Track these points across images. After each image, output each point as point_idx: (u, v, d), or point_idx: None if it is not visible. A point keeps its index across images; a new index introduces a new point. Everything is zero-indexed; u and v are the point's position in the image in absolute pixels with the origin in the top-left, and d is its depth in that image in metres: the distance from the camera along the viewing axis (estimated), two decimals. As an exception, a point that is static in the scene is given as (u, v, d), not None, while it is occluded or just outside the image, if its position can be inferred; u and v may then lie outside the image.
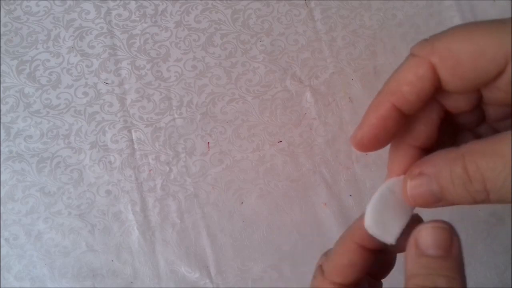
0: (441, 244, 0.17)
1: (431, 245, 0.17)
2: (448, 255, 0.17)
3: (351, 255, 0.20)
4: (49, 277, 0.43)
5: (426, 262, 0.17)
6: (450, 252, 0.17)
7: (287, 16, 0.50)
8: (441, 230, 0.17)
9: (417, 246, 0.17)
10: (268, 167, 0.46)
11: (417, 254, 0.17)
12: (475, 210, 0.47)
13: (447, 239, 0.17)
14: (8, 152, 0.44)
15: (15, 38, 0.47)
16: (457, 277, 0.16)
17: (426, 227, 0.17)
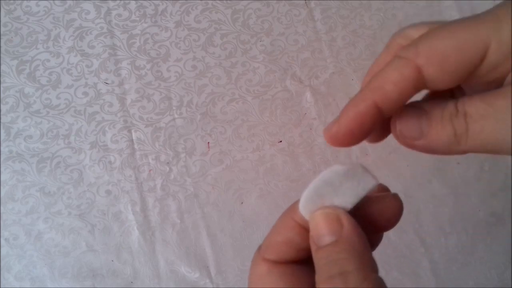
0: (329, 229, 0.17)
1: (323, 234, 0.17)
2: (336, 239, 0.17)
3: (287, 232, 0.19)
4: (49, 277, 0.43)
5: (321, 253, 0.17)
6: (341, 235, 0.17)
7: (287, 16, 0.50)
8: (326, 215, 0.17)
9: (313, 241, 0.17)
10: (268, 167, 0.46)
11: (315, 250, 0.17)
12: (475, 210, 0.47)
13: (336, 223, 0.17)
14: (8, 152, 0.44)
15: (15, 38, 0.47)
16: (348, 257, 0.16)
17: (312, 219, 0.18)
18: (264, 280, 0.19)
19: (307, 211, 0.18)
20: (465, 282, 0.46)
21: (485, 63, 0.17)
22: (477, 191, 0.47)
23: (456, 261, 0.46)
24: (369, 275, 0.16)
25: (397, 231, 0.46)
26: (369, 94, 0.18)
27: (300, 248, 0.19)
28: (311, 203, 0.18)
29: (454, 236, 0.46)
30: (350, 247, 0.16)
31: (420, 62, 0.17)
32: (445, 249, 0.46)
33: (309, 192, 0.18)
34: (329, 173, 0.18)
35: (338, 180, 0.18)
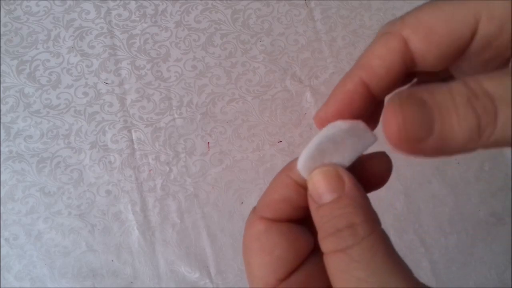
0: (331, 187, 0.16)
1: (323, 191, 0.16)
2: (339, 195, 0.16)
3: (284, 189, 0.18)
4: (49, 277, 0.43)
5: (323, 211, 0.16)
6: (343, 191, 0.16)
7: (287, 16, 0.50)
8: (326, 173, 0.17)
9: (313, 200, 0.17)
10: (268, 167, 0.46)
11: (315, 208, 0.17)
12: (475, 210, 0.47)
13: (337, 180, 0.16)
14: (8, 152, 0.44)
15: (15, 38, 0.47)
16: (354, 211, 0.16)
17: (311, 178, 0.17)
18: (262, 238, 0.18)
19: (306, 169, 0.17)
20: (465, 282, 0.46)
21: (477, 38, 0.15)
22: (477, 191, 0.47)
23: (456, 261, 0.46)
24: (376, 227, 0.16)
25: (397, 231, 0.46)
26: (355, 72, 0.17)
27: (297, 206, 0.18)
28: (311, 160, 0.17)
29: (454, 236, 0.46)
30: (354, 202, 0.16)
31: (405, 33, 0.16)
32: (445, 249, 0.46)
33: (310, 149, 0.17)
34: (332, 128, 0.17)
35: (340, 137, 0.17)
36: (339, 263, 0.15)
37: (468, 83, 0.13)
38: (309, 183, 0.17)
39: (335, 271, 0.15)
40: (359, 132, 0.17)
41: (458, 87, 0.13)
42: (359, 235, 0.15)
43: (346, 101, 0.17)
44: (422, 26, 0.16)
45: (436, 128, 0.13)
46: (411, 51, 0.16)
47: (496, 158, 0.48)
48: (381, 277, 0.14)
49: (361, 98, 0.17)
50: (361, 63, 0.17)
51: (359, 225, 0.15)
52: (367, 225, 0.15)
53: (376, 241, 0.15)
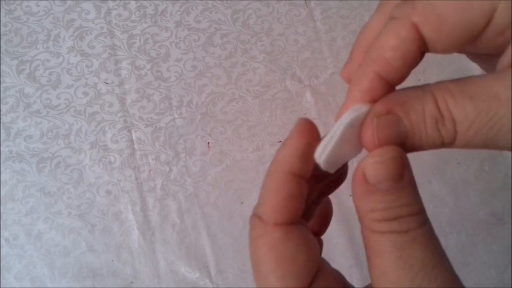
0: (393, 176, 0.15)
1: (383, 179, 0.15)
2: (402, 185, 0.16)
3: (286, 186, 0.16)
4: (49, 277, 0.43)
5: (380, 197, 0.16)
6: (403, 181, 0.16)
7: (287, 16, 0.50)
8: (390, 162, 0.15)
9: (367, 182, 0.16)
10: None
11: (368, 190, 0.16)
12: (475, 210, 0.47)
13: (399, 169, 0.16)
14: (8, 152, 0.44)
15: (15, 38, 0.47)
16: (415, 201, 0.16)
17: (373, 162, 0.16)
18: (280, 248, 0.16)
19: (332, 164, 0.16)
20: (465, 282, 0.46)
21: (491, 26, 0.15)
22: (477, 191, 0.47)
23: (456, 261, 0.46)
24: (427, 218, 0.16)
25: (397, 231, 0.46)
26: (369, 67, 0.16)
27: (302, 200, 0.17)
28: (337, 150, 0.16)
29: (454, 236, 0.46)
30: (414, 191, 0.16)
31: (415, 19, 0.15)
32: (445, 249, 0.46)
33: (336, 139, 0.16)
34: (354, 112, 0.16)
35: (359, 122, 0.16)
36: (398, 241, 0.15)
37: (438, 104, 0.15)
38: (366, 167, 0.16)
39: (390, 248, 0.15)
40: None
41: (429, 108, 0.15)
42: (420, 221, 0.16)
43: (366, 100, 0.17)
44: (434, 12, 0.15)
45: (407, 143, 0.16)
46: (423, 36, 0.16)
47: (496, 158, 0.48)
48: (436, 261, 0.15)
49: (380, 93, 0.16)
50: (373, 57, 0.16)
51: (419, 215, 0.16)
52: (424, 215, 0.16)
53: (431, 229, 0.16)
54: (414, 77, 0.49)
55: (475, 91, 0.14)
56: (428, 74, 0.49)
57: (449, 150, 0.48)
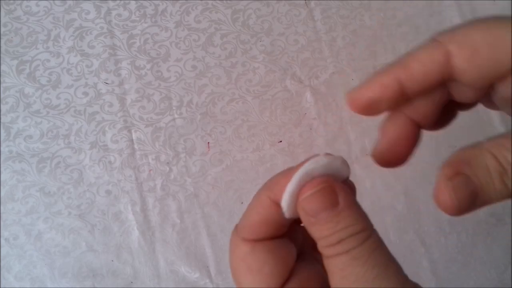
0: (327, 205, 0.17)
1: (319, 210, 0.17)
2: (338, 210, 0.17)
3: (264, 210, 0.19)
4: (49, 277, 0.43)
5: (321, 226, 0.17)
6: (338, 206, 0.17)
7: (287, 16, 0.50)
8: (321, 193, 0.17)
9: (308, 215, 0.17)
10: (268, 167, 0.46)
11: (311, 222, 0.17)
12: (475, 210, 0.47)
13: (331, 197, 0.17)
14: (8, 152, 0.44)
15: (15, 38, 0.47)
16: (354, 222, 0.17)
17: (306, 197, 0.17)
18: (248, 259, 0.19)
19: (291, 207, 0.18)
20: (465, 282, 0.46)
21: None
22: (477, 191, 0.47)
23: (456, 261, 0.46)
24: (373, 230, 0.17)
25: (397, 231, 0.46)
26: (394, 69, 0.18)
27: (278, 225, 0.19)
28: (294, 197, 0.18)
29: (454, 236, 0.46)
30: (352, 212, 0.17)
31: (451, 48, 0.17)
32: (445, 249, 0.46)
33: (292, 189, 0.18)
34: (313, 164, 0.18)
35: (318, 171, 0.18)
36: (341, 262, 0.16)
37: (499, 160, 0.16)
38: (302, 203, 0.17)
39: (336, 269, 0.17)
40: (336, 166, 0.18)
41: (492, 164, 0.16)
42: (361, 239, 0.17)
43: (378, 92, 0.18)
44: (468, 45, 0.16)
45: (479, 199, 0.17)
46: (452, 66, 0.17)
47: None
48: (377, 272, 0.16)
49: (394, 94, 0.18)
50: (402, 62, 0.18)
51: (360, 233, 0.17)
52: (367, 232, 0.17)
53: (373, 243, 0.17)
54: (414, 77, 0.49)
55: None
56: (428, 74, 0.49)
57: (449, 150, 0.48)
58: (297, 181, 0.18)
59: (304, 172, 0.18)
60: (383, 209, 0.46)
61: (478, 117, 0.49)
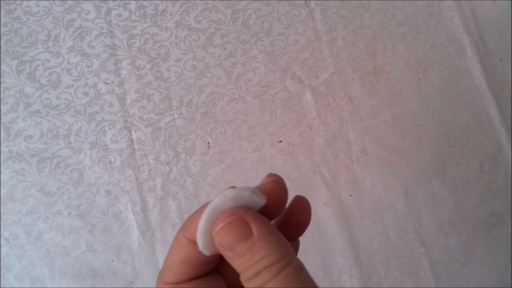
0: (240, 236, 0.17)
1: (234, 243, 0.17)
2: (252, 241, 0.17)
3: (182, 251, 0.18)
4: (49, 277, 0.43)
5: (238, 260, 0.17)
6: (252, 237, 0.17)
7: (287, 16, 0.50)
8: (231, 224, 0.17)
9: (225, 249, 0.17)
10: (268, 167, 0.46)
11: (229, 257, 0.17)
12: (475, 210, 0.47)
13: (243, 227, 0.17)
14: (8, 152, 0.44)
15: (15, 38, 0.47)
16: (269, 252, 0.16)
17: (217, 231, 0.17)
18: None
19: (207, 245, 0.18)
20: (465, 282, 0.46)
21: None
22: (477, 191, 0.47)
23: (456, 261, 0.46)
24: (291, 259, 0.17)
25: (397, 231, 0.46)
26: None
27: (198, 264, 0.19)
28: (207, 235, 0.18)
29: (454, 236, 0.46)
30: (266, 243, 0.17)
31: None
32: (445, 249, 0.46)
33: (202, 226, 0.17)
34: (219, 199, 0.18)
35: (228, 205, 0.18)
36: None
37: None
38: (216, 238, 0.17)
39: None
40: (246, 198, 0.18)
41: None
42: (276, 271, 0.16)
43: None
44: None
45: None
46: None
47: (496, 158, 0.48)
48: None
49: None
50: None
51: (276, 264, 0.16)
52: (283, 261, 0.16)
53: (289, 273, 0.16)
54: (414, 77, 0.49)
55: None
56: (428, 74, 0.49)
57: (449, 150, 0.48)
58: (206, 217, 0.17)
59: (212, 208, 0.17)
60: (383, 209, 0.46)
61: (478, 117, 0.49)
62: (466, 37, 0.50)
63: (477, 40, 0.51)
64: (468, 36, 0.50)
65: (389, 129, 0.48)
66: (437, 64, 0.49)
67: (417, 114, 0.48)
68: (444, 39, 0.50)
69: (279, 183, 0.19)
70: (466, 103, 0.49)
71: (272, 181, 0.19)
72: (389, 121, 0.48)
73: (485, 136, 0.49)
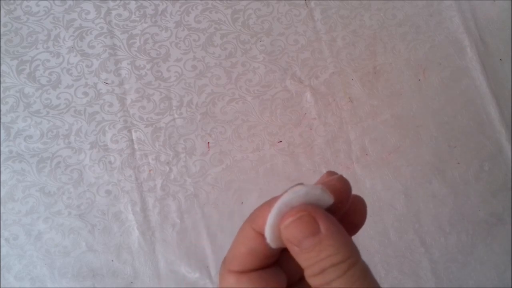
0: (308, 232, 0.17)
1: (301, 238, 0.17)
2: (320, 238, 0.17)
3: (250, 242, 0.19)
4: (49, 277, 0.43)
5: (305, 255, 0.17)
6: (320, 234, 0.17)
7: (287, 16, 0.50)
8: (300, 220, 0.17)
9: (292, 244, 0.17)
10: (268, 167, 0.46)
11: (296, 252, 0.17)
12: (475, 210, 0.47)
13: (311, 224, 0.17)
14: (8, 152, 0.44)
15: (15, 38, 0.47)
16: (336, 251, 0.17)
17: (286, 225, 0.17)
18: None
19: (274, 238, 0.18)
20: (465, 282, 0.46)
21: None
22: (477, 191, 0.47)
23: (456, 261, 0.46)
24: (357, 260, 0.17)
25: (397, 231, 0.46)
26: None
27: (264, 256, 0.19)
28: (276, 228, 0.18)
29: (454, 236, 0.46)
30: (334, 242, 0.17)
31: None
32: (445, 249, 0.46)
33: (271, 219, 0.18)
34: (290, 195, 0.18)
35: (298, 201, 0.18)
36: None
37: None
38: (284, 232, 0.18)
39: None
40: (316, 195, 0.18)
41: None
42: (343, 270, 0.17)
43: None
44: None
45: None
46: None
47: (496, 158, 0.48)
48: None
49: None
50: None
51: (342, 263, 0.17)
52: (350, 261, 0.17)
53: (355, 273, 0.17)
54: (414, 77, 0.49)
55: None
56: (428, 74, 0.49)
57: (449, 150, 0.48)
58: (277, 211, 0.18)
59: (283, 202, 0.18)
60: (383, 209, 0.46)
61: (478, 117, 0.49)
62: (466, 37, 0.50)
63: (477, 40, 0.51)
64: (468, 36, 0.50)
65: (389, 129, 0.48)
66: (437, 64, 0.49)
67: (417, 114, 0.48)
68: (444, 39, 0.50)
69: (345, 182, 0.19)
70: (466, 103, 0.49)
71: (337, 179, 0.19)
72: (389, 121, 0.48)
73: (485, 136, 0.49)
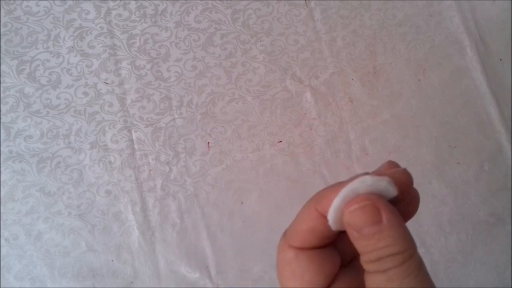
0: (370, 222, 0.18)
1: (363, 225, 0.18)
2: (381, 228, 0.18)
3: (311, 221, 0.20)
4: (49, 277, 0.43)
5: (364, 241, 0.18)
6: (381, 224, 0.18)
7: (287, 16, 0.50)
8: (364, 210, 0.18)
9: (352, 229, 0.18)
10: (268, 167, 0.46)
11: (355, 237, 0.18)
12: (475, 210, 0.47)
13: (374, 213, 0.18)
14: (8, 152, 0.44)
15: (15, 38, 0.47)
16: (395, 242, 0.17)
17: (350, 211, 0.18)
18: (292, 265, 0.20)
19: (336, 220, 0.19)
20: (465, 282, 0.46)
21: None
22: (477, 191, 0.47)
23: (456, 261, 0.46)
24: (413, 254, 0.18)
25: (397, 231, 0.46)
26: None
27: (323, 236, 0.20)
28: (339, 212, 0.19)
29: (454, 236, 0.46)
30: (393, 233, 0.18)
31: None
32: (445, 249, 0.46)
33: (337, 203, 0.19)
34: (357, 183, 0.19)
35: (364, 190, 0.19)
36: (377, 280, 0.18)
37: None
38: (347, 217, 0.18)
39: (372, 287, 0.18)
40: (382, 186, 0.19)
41: None
42: (400, 261, 0.17)
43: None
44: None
45: None
46: None
47: (496, 158, 0.48)
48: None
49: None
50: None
51: (400, 254, 0.17)
52: (407, 253, 0.18)
53: (411, 266, 0.17)
54: (414, 77, 0.49)
55: None
56: (428, 74, 0.49)
57: (449, 150, 0.48)
58: (343, 196, 0.19)
59: (350, 189, 0.19)
60: (383, 209, 0.46)
61: (478, 117, 0.49)
62: (466, 37, 0.50)
63: (477, 40, 0.51)
64: (468, 36, 0.50)
65: (389, 129, 0.48)
66: (437, 64, 0.49)
67: (417, 114, 0.48)
68: (444, 39, 0.50)
69: (409, 176, 0.20)
70: (466, 103, 0.49)
71: (402, 173, 0.20)
72: (389, 121, 0.48)
73: (485, 136, 0.49)
